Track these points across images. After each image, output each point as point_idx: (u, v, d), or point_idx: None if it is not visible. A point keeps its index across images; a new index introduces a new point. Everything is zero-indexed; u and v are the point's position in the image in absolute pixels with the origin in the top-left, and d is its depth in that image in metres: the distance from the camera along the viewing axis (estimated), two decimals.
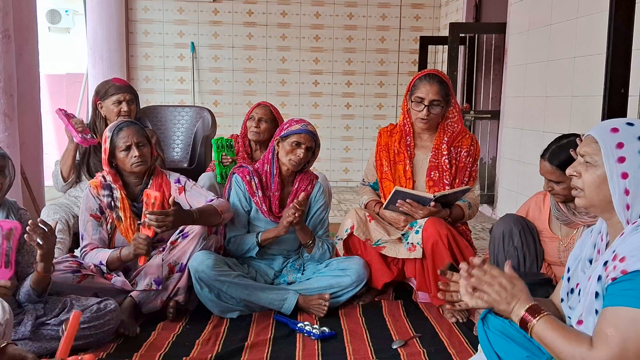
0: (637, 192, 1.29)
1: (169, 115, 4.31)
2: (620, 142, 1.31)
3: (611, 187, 1.32)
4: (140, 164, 2.57)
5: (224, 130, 6.12)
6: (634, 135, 1.32)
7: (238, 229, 2.80)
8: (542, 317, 1.34)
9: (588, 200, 1.39)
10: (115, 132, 2.58)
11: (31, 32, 3.62)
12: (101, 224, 2.63)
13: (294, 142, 2.71)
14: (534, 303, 1.37)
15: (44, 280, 2.12)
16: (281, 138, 2.75)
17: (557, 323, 1.33)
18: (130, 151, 2.55)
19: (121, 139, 2.56)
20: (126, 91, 3.08)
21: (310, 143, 2.74)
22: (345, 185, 6.93)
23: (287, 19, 6.77)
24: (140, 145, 2.57)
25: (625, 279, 1.24)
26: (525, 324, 1.36)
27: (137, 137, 2.58)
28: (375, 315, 2.66)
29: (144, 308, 2.53)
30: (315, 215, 2.86)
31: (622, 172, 1.30)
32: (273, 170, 2.79)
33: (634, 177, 1.29)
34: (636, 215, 1.31)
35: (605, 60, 2.52)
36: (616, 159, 1.31)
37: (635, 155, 1.30)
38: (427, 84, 2.76)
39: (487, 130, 5.53)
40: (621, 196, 1.31)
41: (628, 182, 1.30)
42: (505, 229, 2.46)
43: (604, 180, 1.33)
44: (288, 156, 2.73)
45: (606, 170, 1.32)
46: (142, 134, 2.62)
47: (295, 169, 2.77)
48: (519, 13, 4.67)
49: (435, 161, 2.84)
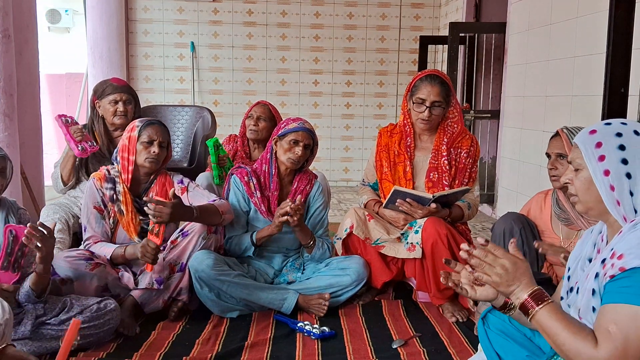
0: (621, 187, 1.32)
1: (168, 115, 4.31)
2: (598, 141, 1.35)
3: (597, 186, 1.35)
4: (154, 160, 2.60)
5: (224, 130, 6.12)
6: (611, 133, 1.35)
7: (236, 229, 2.80)
8: (546, 305, 1.32)
9: (584, 205, 1.42)
10: (145, 125, 2.63)
11: (31, 32, 3.62)
12: (104, 217, 2.63)
13: (292, 141, 2.71)
14: (537, 288, 1.35)
15: (44, 281, 2.12)
16: (279, 137, 2.75)
17: (561, 313, 1.32)
18: (152, 146, 2.59)
19: (148, 132, 2.60)
20: (123, 91, 3.07)
21: (308, 141, 2.74)
22: (345, 185, 6.93)
23: (287, 19, 6.77)
24: (161, 145, 2.63)
25: (623, 276, 1.25)
26: (527, 310, 1.34)
27: (163, 137, 2.64)
28: (375, 315, 2.66)
29: (147, 308, 2.54)
30: (315, 215, 2.86)
31: (604, 169, 1.33)
32: (272, 170, 2.79)
33: (615, 172, 1.32)
34: (630, 210, 1.32)
35: (605, 59, 2.52)
36: (597, 158, 1.34)
37: (614, 151, 1.33)
38: (429, 85, 2.76)
39: (487, 130, 5.53)
40: (608, 193, 1.34)
41: (611, 178, 1.33)
42: (506, 228, 2.46)
43: (591, 181, 1.36)
44: (286, 154, 2.73)
45: (590, 171, 1.36)
46: (167, 137, 2.68)
47: (295, 167, 2.77)
48: (518, 13, 4.67)
49: (434, 162, 2.84)
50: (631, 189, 1.31)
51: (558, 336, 1.29)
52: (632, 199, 1.32)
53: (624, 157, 1.32)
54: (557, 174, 2.36)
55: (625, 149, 1.32)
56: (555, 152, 2.39)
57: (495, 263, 1.36)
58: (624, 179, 1.32)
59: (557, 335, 1.29)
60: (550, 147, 2.43)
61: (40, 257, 2.05)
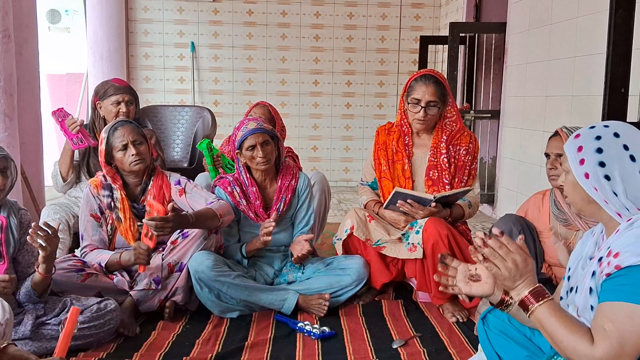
0: (603, 188, 1.35)
1: (169, 115, 4.32)
2: (580, 145, 1.39)
3: (584, 187, 1.39)
4: (138, 162, 2.55)
5: (224, 130, 6.12)
6: (591, 137, 1.39)
7: (228, 239, 2.81)
8: (545, 302, 1.34)
9: (574, 205, 1.46)
10: (111, 132, 2.56)
11: (31, 32, 3.62)
12: (101, 225, 2.62)
13: (248, 148, 2.68)
14: (539, 285, 1.37)
15: (45, 281, 2.13)
16: (239, 150, 2.74)
17: (560, 310, 1.34)
18: (128, 150, 2.54)
19: (117, 138, 2.54)
20: (125, 92, 3.07)
21: (264, 137, 2.69)
22: (345, 185, 6.93)
23: (287, 19, 6.77)
24: (137, 144, 2.55)
25: (619, 274, 1.26)
26: (526, 306, 1.36)
27: (133, 135, 2.55)
28: (376, 315, 2.66)
29: (142, 307, 2.53)
30: (301, 208, 2.86)
31: (584, 172, 1.37)
32: (246, 181, 2.78)
33: (594, 175, 1.36)
34: (620, 207, 1.34)
35: (605, 59, 2.52)
36: (578, 161, 1.39)
37: (592, 154, 1.37)
38: (423, 85, 2.76)
39: (487, 130, 5.53)
40: (594, 194, 1.37)
41: (591, 180, 1.36)
42: (505, 229, 2.46)
43: (576, 183, 1.40)
44: (253, 162, 2.71)
45: (574, 174, 1.40)
46: (138, 132, 2.60)
47: (268, 167, 2.75)
48: (519, 12, 4.66)
49: (434, 160, 2.84)
50: (613, 189, 1.34)
51: (556, 333, 1.30)
52: (617, 198, 1.34)
53: (601, 160, 1.35)
54: (557, 174, 2.36)
55: (603, 151, 1.36)
56: (554, 152, 2.39)
57: (507, 256, 1.37)
58: (603, 181, 1.35)
59: (555, 332, 1.30)
60: (549, 147, 2.43)
61: (43, 257, 2.06)
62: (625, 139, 1.36)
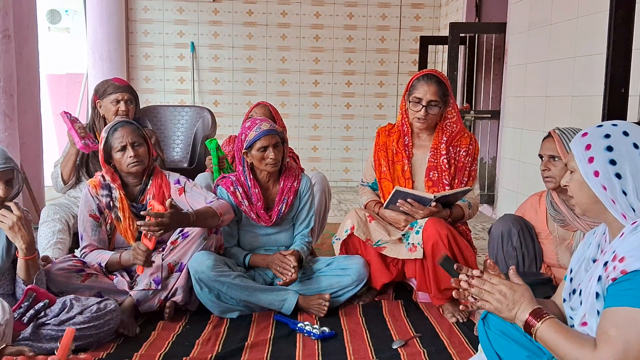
0: (613, 187, 1.35)
1: (169, 115, 4.32)
2: (588, 143, 1.39)
3: (591, 186, 1.38)
4: (136, 164, 2.55)
5: (224, 131, 6.13)
6: (600, 135, 1.39)
7: (229, 241, 2.81)
8: (546, 321, 1.35)
9: (580, 206, 1.46)
10: (111, 133, 2.56)
11: (31, 32, 3.62)
12: (100, 225, 2.62)
13: (260, 149, 2.68)
14: (537, 307, 1.38)
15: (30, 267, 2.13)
16: (247, 150, 2.73)
17: (560, 326, 1.34)
18: (126, 151, 2.53)
19: (116, 139, 2.54)
20: (125, 91, 3.08)
21: (275, 139, 2.69)
22: (345, 185, 6.93)
23: (287, 19, 6.77)
24: (135, 145, 2.55)
25: (624, 279, 1.25)
26: (530, 328, 1.37)
27: (133, 137, 2.55)
28: (376, 315, 2.66)
29: (141, 307, 2.52)
30: (302, 209, 2.85)
31: (593, 171, 1.37)
32: (249, 183, 2.78)
33: (604, 173, 1.35)
34: (627, 207, 1.34)
35: (605, 60, 2.52)
36: (586, 160, 1.38)
37: (601, 152, 1.36)
38: (425, 85, 2.76)
39: (487, 130, 5.53)
40: (602, 193, 1.37)
41: (601, 179, 1.36)
42: (504, 229, 2.46)
43: (583, 182, 1.40)
44: (262, 163, 2.71)
45: (582, 173, 1.39)
46: (138, 133, 2.59)
47: (276, 168, 2.75)
48: (519, 13, 4.66)
49: (434, 161, 2.84)
50: (623, 188, 1.34)
51: (559, 347, 1.31)
52: (626, 197, 1.34)
53: (612, 158, 1.35)
54: (550, 175, 2.36)
55: (613, 149, 1.35)
56: (547, 153, 2.38)
57: (493, 290, 1.42)
58: (614, 179, 1.34)
59: (558, 346, 1.31)
60: (542, 149, 2.42)
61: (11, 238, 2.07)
62: (634, 137, 1.36)
